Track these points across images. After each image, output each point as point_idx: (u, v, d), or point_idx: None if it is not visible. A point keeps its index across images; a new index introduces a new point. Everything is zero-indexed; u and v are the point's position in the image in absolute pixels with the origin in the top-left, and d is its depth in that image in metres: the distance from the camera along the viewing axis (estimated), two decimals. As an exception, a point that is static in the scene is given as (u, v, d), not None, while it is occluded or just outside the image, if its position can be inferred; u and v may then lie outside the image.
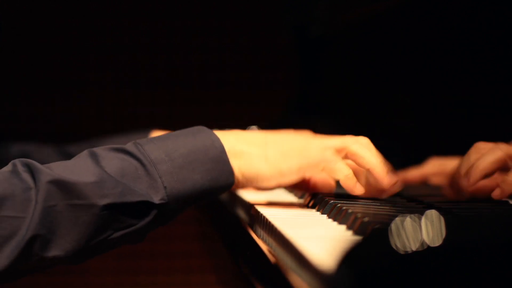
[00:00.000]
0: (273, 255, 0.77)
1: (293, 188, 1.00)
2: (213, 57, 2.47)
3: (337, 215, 0.84)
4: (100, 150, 0.85)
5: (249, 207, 0.97)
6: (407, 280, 0.50)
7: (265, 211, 0.89)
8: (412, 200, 0.98)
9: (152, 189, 0.84)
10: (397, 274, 0.51)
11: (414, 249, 0.50)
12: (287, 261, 0.71)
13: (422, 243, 0.51)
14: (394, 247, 0.51)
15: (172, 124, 1.74)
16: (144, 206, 0.84)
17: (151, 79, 2.47)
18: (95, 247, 0.84)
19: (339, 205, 0.85)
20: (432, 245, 0.51)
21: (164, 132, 1.25)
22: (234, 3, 2.46)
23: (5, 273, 0.80)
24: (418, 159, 1.34)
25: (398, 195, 1.05)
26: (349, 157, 0.91)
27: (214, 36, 2.47)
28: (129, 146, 0.86)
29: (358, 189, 0.91)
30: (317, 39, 1.90)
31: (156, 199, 0.84)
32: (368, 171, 0.91)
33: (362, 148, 0.91)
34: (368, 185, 0.93)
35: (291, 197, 1.08)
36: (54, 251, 0.81)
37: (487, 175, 0.93)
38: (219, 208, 1.17)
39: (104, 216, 0.82)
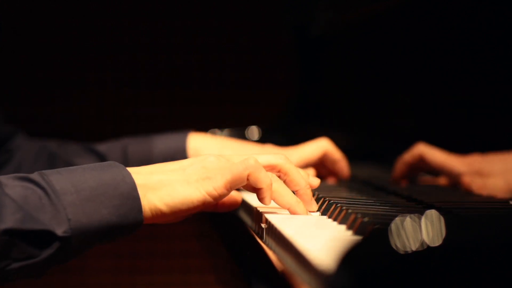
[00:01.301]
0: (273, 255, 0.77)
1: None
2: (213, 57, 2.47)
3: (337, 215, 0.84)
4: (4, 178, 0.82)
5: (249, 207, 0.97)
6: (407, 280, 0.50)
7: (265, 211, 0.89)
8: (412, 200, 0.98)
9: (55, 220, 0.79)
10: (397, 274, 0.51)
11: (414, 249, 0.50)
12: (287, 261, 0.71)
13: (422, 243, 0.51)
14: (394, 247, 0.51)
15: (172, 124, 1.74)
16: (46, 237, 0.79)
17: (151, 79, 2.48)
18: None
19: (339, 205, 0.85)
20: (432, 245, 0.50)
21: (200, 134, 1.24)
22: (234, 3, 2.46)
23: None
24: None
25: (398, 195, 1.05)
26: (281, 175, 0.90)
27: (214, 36, 2.47)
28: (35, 175, 0.82)
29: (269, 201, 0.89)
30: (317, 39, 1.90)
31: (59, 231, 0.79)
32: (296, 192, 0.90)
33: (294, 168, 0.90)
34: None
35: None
36: None
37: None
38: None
39: (3, 242, 0.78)
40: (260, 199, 0.88)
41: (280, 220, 0.82)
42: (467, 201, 1.00)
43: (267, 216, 0.85)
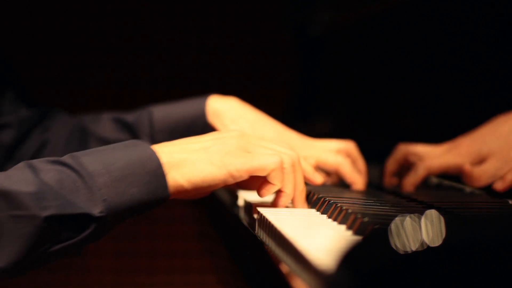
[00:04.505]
0: (273, 255, 0.77)
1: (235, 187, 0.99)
2: (213, 57, 2.47)
3: (337, 215, 0.84)
4: (37, 162, 0.84)
5: (249, 207, 0.97)
6: (407, 280, 0.50)
7: (265, 211, 0.89)
8: (412, 200, 0.98)
9: (91, 202, 0.83)
10: (397, 274, 0.51)
11: (414, 249, 0.50)
12: (287, 261, 0.71)
13: (422, 243, 0.51)
14: (394, 247, 0.51)
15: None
16: (84, 219, 0.83)
17: (151, 79, 2.48)
18: (35, 260, 0.83)
19: (339, 205, 0.85)
20: (432, 245, 0.50)
21: (224, 96, 1.25)
22: (234, 3, 2.46)
23: None
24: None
25: (398, 195, 1.05)
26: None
27: (214, 36, 2.47)
28: (66, 158, 0.85)
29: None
30: (317, 39, 1.90)
31: (95, 212, 0.83)
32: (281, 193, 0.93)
33: (292, 170, 0.92)
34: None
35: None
36: None
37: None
38: (219, 208, 1.17)
39: (45, 228, 0.81)
40: (262, 193, 0.92)
41: (280, 220, 0.82)
42: (467, 201, 1.00)
43: (267, 216, 0.85)
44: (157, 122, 1.24)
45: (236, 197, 1.09)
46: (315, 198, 0.95)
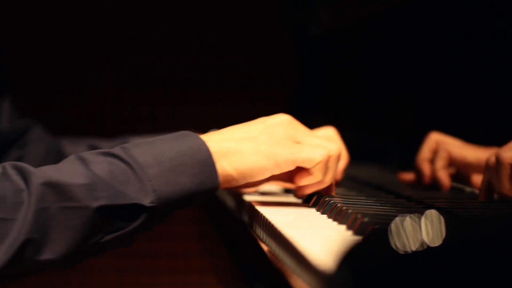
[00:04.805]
0: (273, 255, 0.77)
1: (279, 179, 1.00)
2: (213, 57, 2.47)
3: (337, 215, 0.84)
4: (88, 155, 0.85)
5: (249, 207, 0.97)
6: (407, 280, 0.50)
7: (264, 211, 0.89)
8: (412, 200, 0.98)
9: (142, 192, 0.84)
10: (397, 274, 0.51)
11: (414, 249, 0.50)
12: (287, 261, 0.71)
13: (422, 243, 0.51)
14: (394, 247, 0.51)
15: (172, 124, 1.74)
16: (135, 209, 0.83)
17: (151, 79, 2.48)
18: (86, 250, 0.84)
19: (339, 205, 0.85)
20: (432, 245, 0.51)
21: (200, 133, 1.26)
22: (234, 3, 2.46)
23: None
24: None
25: (398, 195, 1.05)
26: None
27: (214, 36, 2.47)
28: (116, 150, 0.86)
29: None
30: (317, 39, 1.90)
31: (146, 202, 0.83)
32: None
33: (336, 162, 0.93)
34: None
35: (290, 197, 1.08)
36: (47, 255, 0.81)
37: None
38: (219, 208, 1.17)
39: (96, 219, 0.82)
40: (301, 181, 0.93)
41: (280, 220, 0.82)
42: (467, 201, 1.00)
43: (267, 216, 0.85)
44: None
45: (236, 197, 1.09)
46: (315, 198, 0.95)
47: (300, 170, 0.93)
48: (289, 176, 0.97)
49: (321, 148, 0.91)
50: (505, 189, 0.92)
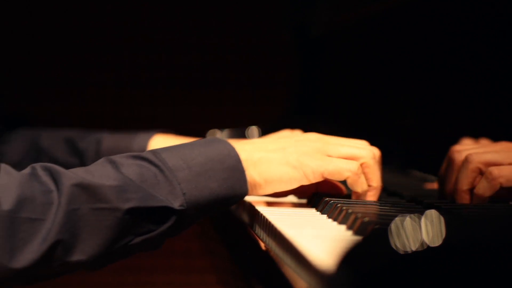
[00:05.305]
0: (273, 255, 0.77)
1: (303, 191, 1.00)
2: (213, 57, 2.47)
3: (337, 215, 0.84)
4: (118, 158, 0.86)
5: (249, 207, 0.97)
6: (407, 280, 0.50)
7: (265, 211, 0.89)
8: (412, 200, 0.98)
9: (171, 195, 0.84)
10: (397, 274, 0.51)
11: (414, 249, 0.50)
12: (287, 261, 0.71)
13: (422, 243, 0.51)
14: (394, 247, 0.51)
15: (172, 124, 1.74)
16: (165, 212, 0.84)
17: (151, 79, 2.48)
18: (116, 252, 0.84)
19: (339, 205, 0.85)
20: (432, 245, 0.51)
21: (167, 136, 1.28)
22: (234, 3, 2.46)
23: (23, 275, 0.79)
24: (418, 159, 1.34)
25: (398, 195, 1.05)
26: (363, 168, 0.93)
27: (214, 36, 2.47)
28: (147, 153, 0.87)
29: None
30: (317, 39, 1.90)
31: (176, 205, 0.84)
32: (369, 188, 0.93)
33: (376, 165, 0.93)
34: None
35: (290, 197, 1.08)
36: (77, 256, 0.81)
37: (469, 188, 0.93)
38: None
39: (126, 221, 0.82)
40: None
41: (280, 220, 0.82)
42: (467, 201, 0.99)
43: (267, 216, 0.85)
44: (103, 153, 1.25)
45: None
46: (315, 198, 0.95)
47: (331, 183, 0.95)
48: (316, 187, 0.98)
49: (350, 163, 0.91)
50: (461, 190, 0.92)
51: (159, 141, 1.27)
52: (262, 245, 0.83)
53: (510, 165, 0.91)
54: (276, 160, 0.91)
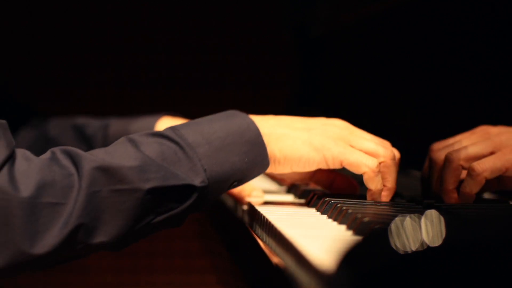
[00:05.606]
0: (273, 255, 0.77)
1: (316, 181, 1.01)
2: (213, 57, 2.47)
3: (337, 215, 0.84)
4: (137, 136, 0.85)
5: (249, 207, 0.97)
6: (407, 280, 0.50)
7: (264, 211, 0.89)
8: (412, 200, 0.98)
9: (192, 172, 0.84)
10: (397, 274, 0.51)
11: (414, 249, 0.50)
12: (287, 261, 0.71)
13: (422, 243, 0.51)
14: (394, 247, 0.51)
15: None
16: (186, 189, 0.84)
17: (151, 79, 2.47)
18: (138, 232, 0.84)
19: (339, 205, 0.85)
20: (432, 245, 0.51)
21: (174, 118, 1.27)
22: (234, 3, 2.46)
23: (46, 260, 0.79)
24: (418, 159, 1.34)
25: (398, 195, 1.05)
26: (381, 167, 0.92)
27: (214, 36, 2.47)
28: (166, 130, 0.86)
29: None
30: (317, 39, 1.90)
31: (197, 182, 0.84)
32: (384, 188, 0.93)
33: (394, 166, 0.93)
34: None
35: (291, 197, 1.08)
36: (99, 238, 0.81)
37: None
38: (219, 208, 1.17)
39: (148, 200, 0.82)
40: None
41: (280, 220, 0.82)
42: (467, 201, 1.00)
43: (267, 216, 0.85)
44: (111, 137, 1.25)
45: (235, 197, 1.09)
46: (315, 199, 0.95)
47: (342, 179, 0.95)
48: (332, 180, 0.98)
49: (371, 159, 0.91)
50: (448, 189, 0.92)
51: (166, 123, 1.25)
52: (262, 245, 0.83)
53: (490, 156, 0.91)
54: (300, 138, 0.90)
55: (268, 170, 0.91)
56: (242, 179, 0.88)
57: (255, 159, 0.88)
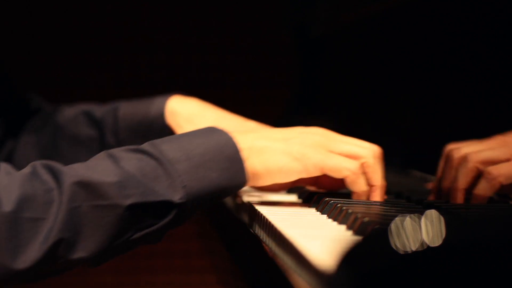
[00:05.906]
0: (273, 255, 0.77)
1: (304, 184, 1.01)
2: (213, 57, 2.47)
3: (337, 215, 0.84)
4: (117, 152, 0.86)
5: (249, 207, 0.97)
6: (407, 280, 0.50)
7: (264, 211, 0.89)
8: (412, 200, 0.98)
9: (171, 188, 0.84)
10: (397, 274, 0.51)
11: (414, 249, 0.50)
12: (287, 261, 0.71)
13: (422, 243, 0.51)
14: (394, 247, 0.51)
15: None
16: (165, 206, 0.84)
17: (151, 79, 2.47)
18: (117, 248, 0.84)
19: (339, 205, 0.85)
20: (432, 245, 0.51)
21: (183, 96, 1.25)
22: (234, 3, 2.46)
23: (27, 275, 0.80)
24: (418, 159, 1.34)
25: (398, 195, 1.05)
26: (364, 168, 0.92)
27: (214, 36, 2.47)
28: (146, 146, 0.87)
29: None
30: (317, 39, 1.90)
31: (176, 198, 0.84)
32: (372, 187, 0.92)
33: (377, 164, 0.93)
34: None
35: (290, 197, 1.08)
36: (79, 253, 0.82)
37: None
38: (219, 208, 1.17)
39: (127, 216, 0.83)
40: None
41: (280, 220, 0.82)
42: (467, 201, 1.00)
43: (267, 216, 0.85)
44: (121, 120, 1.24)
45: (236, 197, 1.09)
46: (315, 199, 0.95)
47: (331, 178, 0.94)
48: (315, 181, 0.98)
49: (351, 162, 0.91)
50: (459, 188, 0.92)
51: (176, 102, 1.24)
52: (262, 245, 0.83)
53: (507, 162, 0.91)
54: (279, 149, 0.90)
55: (250, 184, 0.91)
56: (221, 195, 0.89)
57: (234, 175, 0.88)
